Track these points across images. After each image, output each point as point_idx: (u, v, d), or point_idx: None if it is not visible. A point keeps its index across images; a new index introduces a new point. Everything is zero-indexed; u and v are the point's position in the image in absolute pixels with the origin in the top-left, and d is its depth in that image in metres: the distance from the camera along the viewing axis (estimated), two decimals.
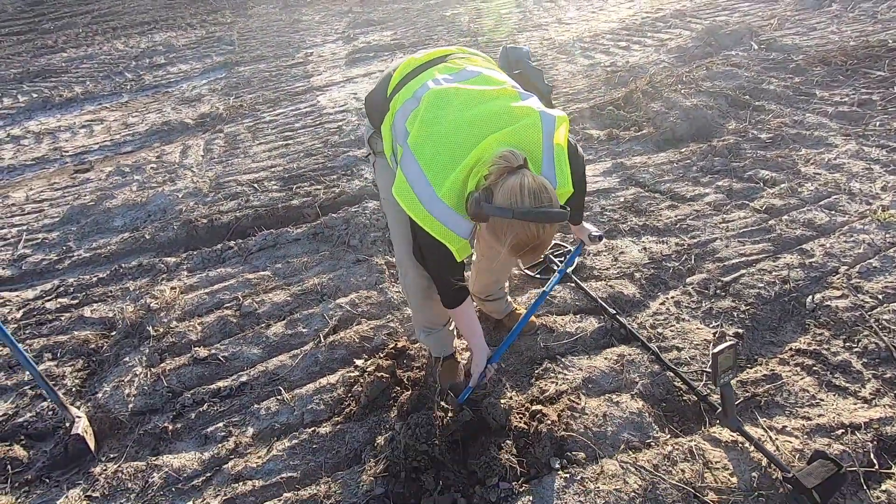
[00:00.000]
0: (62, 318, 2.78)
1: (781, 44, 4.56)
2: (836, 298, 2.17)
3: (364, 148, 1.91)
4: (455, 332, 2.07)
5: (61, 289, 3.05)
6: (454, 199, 1.38)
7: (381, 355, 2.16)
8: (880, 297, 2.14)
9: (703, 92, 3.84)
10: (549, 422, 1.79)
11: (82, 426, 2.05)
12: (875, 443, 1.66)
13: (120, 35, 8.88)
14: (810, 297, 2.21)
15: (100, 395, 2.27)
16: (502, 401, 1.91)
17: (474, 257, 2.18)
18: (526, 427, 1.80)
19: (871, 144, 3.10)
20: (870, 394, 1.82)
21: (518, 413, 1.86)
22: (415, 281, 1.77)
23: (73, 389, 2.35)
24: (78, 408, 2.18)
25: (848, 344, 2.00)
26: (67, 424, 2.06)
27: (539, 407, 1.85)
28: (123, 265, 3.11)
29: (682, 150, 3.39)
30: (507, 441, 1.77)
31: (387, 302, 2.51)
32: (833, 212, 2.63)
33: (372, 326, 2.37)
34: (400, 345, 2.21)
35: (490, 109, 1.41)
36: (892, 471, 1.59)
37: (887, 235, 2.42)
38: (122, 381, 2.31)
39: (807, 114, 3.53)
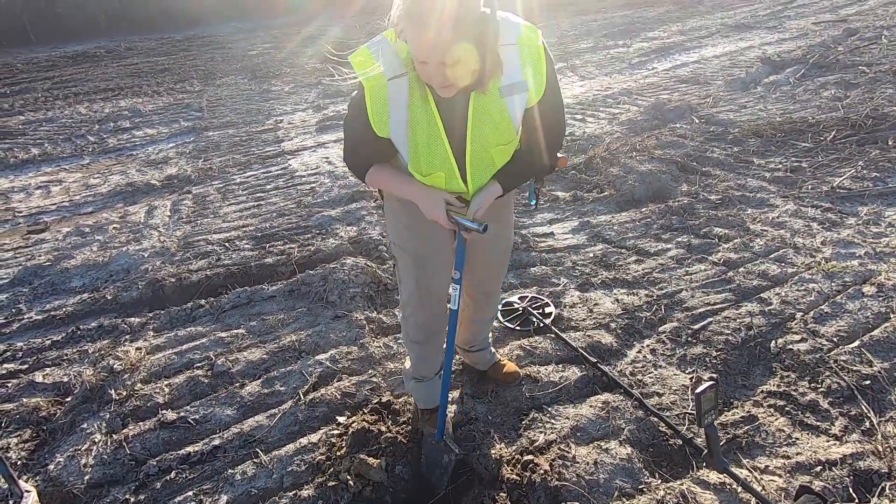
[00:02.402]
0: (8, 385, 2.57)
1: (718, 118, 5.08)
2: (796, 342, 2.31)
3: (338, 208, 1.92)
4: None
5: (8, 353, 2.83)
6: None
7: (366, 410, 2.10)
8: (835, 339, 2.30)
9: (656, 158, 4.19)
10: (541, 472, 1.76)
11: (31, 502, 1.85)
12: (851, 478, 1.73)
13: (83, 100, 8.84)
14: (773, 341, 2.35)
15: (51, 466, 2.07)
16: (493, 451, 1.88)
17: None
18: (519, 478, 1.77)
19: (807, 205, 3.43)
20: (839, 431, 1.92)
21: (509, 464, 1.83)
22: (416, 321, 1.77)
23: (19, 462, 2.14)
24: (26, 482, 1.97)
25: (813, 384, 2.12)
26: (12, 502, 1.85)
27: (530, 457, 1.83)
28: (81, 327, 2.94)
29: (642, 209, 3.63)
30: (501, 493, 1.73)
31: (368, 357, 2.47)
32: (783, 263, 2.85)
33: (354, 382, 2.31)
34: (384, 399, 2.16)
35: None
36: None
37: (832, 284, 2.64)
38: (78, 450, 2.12)
39: (748, 178, 3.89)
